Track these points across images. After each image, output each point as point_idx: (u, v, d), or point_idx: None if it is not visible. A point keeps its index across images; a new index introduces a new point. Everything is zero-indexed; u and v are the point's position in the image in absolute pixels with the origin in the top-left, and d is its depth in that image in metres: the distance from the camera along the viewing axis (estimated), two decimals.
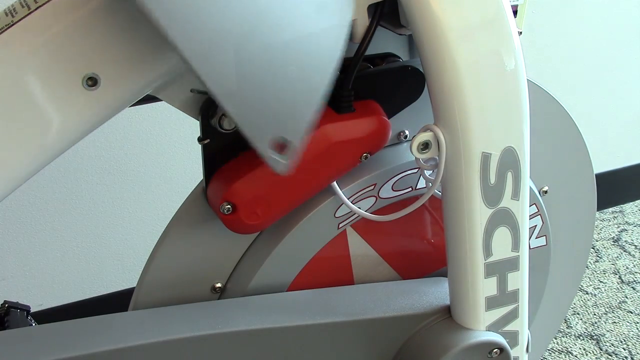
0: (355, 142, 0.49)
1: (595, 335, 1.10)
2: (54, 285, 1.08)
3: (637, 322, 1.13)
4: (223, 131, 0.47)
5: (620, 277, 1.26)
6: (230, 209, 0.47)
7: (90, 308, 1.11)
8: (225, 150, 0.49)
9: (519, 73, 0.44)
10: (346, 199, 0.52)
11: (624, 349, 1.07)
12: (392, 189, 0.54)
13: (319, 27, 0.39)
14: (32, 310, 0.56)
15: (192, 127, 0.55)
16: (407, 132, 0.54)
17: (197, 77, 0.35)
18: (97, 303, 1.12)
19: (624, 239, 1.39)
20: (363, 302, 0.53)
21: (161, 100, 0.45)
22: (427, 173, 0.52)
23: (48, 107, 0.38)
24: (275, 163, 0.39)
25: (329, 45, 0.39)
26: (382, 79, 0.51)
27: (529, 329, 0.56)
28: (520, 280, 0.52)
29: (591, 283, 1.25)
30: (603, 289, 1.23)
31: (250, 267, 0.54)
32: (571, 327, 1.13)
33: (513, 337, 0.54)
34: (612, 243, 1.38)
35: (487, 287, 0.50)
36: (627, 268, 1.29)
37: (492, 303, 0.51)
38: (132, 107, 0.43)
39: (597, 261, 1.32)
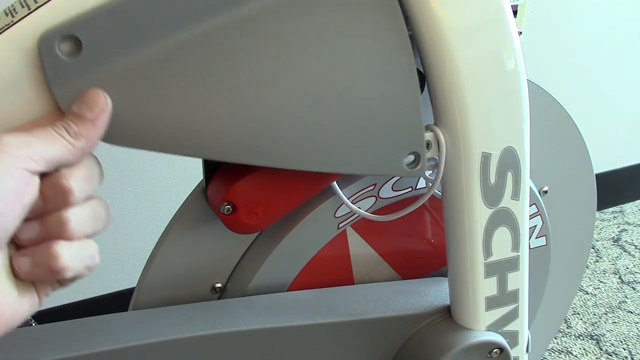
0: None
1: (595, 335, 1.10)
2: None
3: (637, 322, 1.13)
4: None
5: (620, 277, 1.26)
6: (230, 209, 0.47)
7: (90, 308, 1.11)
8: None
9: (519, 73, 0.44)
10: (346, 199, 0.52)
11: (624, 349, 1.07)
12: (392, 189, 0.54)
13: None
14: None
15: None
16: None
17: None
18: (97, 303, 1.11)
19: (624, 239, 1.39)
20: (363, 302, 0.53)
21: None
22: (427, 173, 0.52)
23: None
24: (418, 173, 0.44)
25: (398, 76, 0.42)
26: None
27: (529, 329, 0.56)
28: (520, 280, 0.52)
29: (591, 283, 1.25)
30: (603, 289, 1.23)
31: (250, 267, 0.53)
32: (571, 327, 1.13)
33: (513, 337, 0.54)
34: (612, 243, 1.38)
35: (487, 287, 0.50)
36: (627, 268, 1.29)
37: (492, 303, 0.51)
38: None
39: (597, 261, 1.32)
